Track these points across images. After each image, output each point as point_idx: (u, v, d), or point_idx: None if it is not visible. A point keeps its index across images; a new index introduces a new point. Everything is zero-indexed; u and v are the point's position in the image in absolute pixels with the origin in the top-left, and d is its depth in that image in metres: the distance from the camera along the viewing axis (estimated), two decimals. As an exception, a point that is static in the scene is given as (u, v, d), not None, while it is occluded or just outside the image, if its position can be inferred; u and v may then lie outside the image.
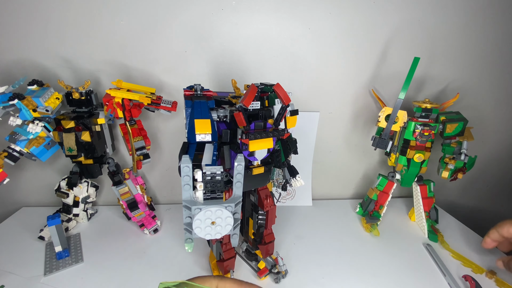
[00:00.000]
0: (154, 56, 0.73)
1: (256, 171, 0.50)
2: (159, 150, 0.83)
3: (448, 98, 0.78)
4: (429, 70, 0.83)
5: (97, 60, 0.72)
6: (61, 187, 0.72)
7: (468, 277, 0.61)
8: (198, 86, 0.51)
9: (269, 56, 0.76)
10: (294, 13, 0.73)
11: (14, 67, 0.71)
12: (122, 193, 0.70)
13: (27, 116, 0.61)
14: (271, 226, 0.59)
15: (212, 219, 0.37)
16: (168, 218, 0.81)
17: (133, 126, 0.68)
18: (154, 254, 0.67)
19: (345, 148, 0.91)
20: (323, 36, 0.76)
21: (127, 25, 0.69)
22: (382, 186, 0.80)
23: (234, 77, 0.76)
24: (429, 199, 0.78)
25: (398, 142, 0.76)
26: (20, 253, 0.65)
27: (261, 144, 0.47)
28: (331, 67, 0.79)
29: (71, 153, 0.64)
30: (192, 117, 0.46)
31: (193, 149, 0.44)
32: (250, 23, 0.73)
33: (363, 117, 0.87)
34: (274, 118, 0.49)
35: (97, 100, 0.69)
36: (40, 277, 0.58)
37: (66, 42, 0.70)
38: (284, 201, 0.90)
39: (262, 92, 0.49)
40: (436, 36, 0.79)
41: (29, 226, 0.74)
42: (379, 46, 0.79)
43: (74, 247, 0.67)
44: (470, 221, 0.86)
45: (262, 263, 0.62)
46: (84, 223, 0.77)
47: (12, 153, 0.61)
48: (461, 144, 0.70)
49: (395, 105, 0.69)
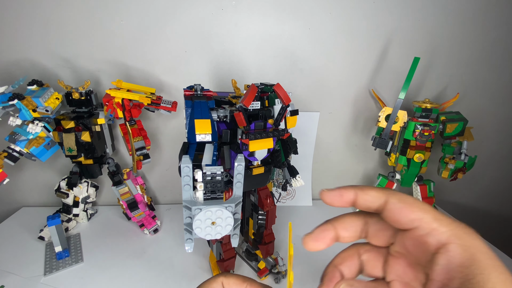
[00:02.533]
0: (154, 56, 0.73)
1: (256, 171, 0.50)
2: (159, 150, 0.83)
3: (448, 98, 0.78)
4: (429, 70, 0.83)
5: (97, 60, 0.72)
6: (61, 187, 0.72)
7: (468, 277, 0.61)
8: (198, 86, 0.51)
9: (269, 56, 0.76)
10: (294, 13, 0.73)
11: (14, 67, 0.71)
12: (122, 193, 0.70)
13: (27, 116, 0.61)
14: (271, 226, 0.59)
15: (212, 219, 0.37)
16: (168, 218, 0.81)
17: (133, 126, 0.68)
18: (154, 254, 0.67)
19: (345, 148, 0.91)
20: (323, 36, 0.76)
21: (127, 25, 0.69)
22: (382, 186, 0.80)
23: (234, 77, 0.76)
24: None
25: (398, 142, 0.76)
26: (20, 253, 0.65)
27: (261, 144, 0.47)
28: (331, 67, 0.79)
29: (71, 153, 0.64)
30: (192, 117, 0.46)
31: (193, 149, 0.44)
32: (250, 23, 0.73)
33: (363, 117, 0.87)
34: (274, 118, 0.49)
35: (97, 100, 0.69)
36: (40, 277, 0.58)
37: (66, 42, 0.70)
38: (284, 201, 0.90)
39: (262, 92, 0.49)
40: (436, 36, 0.79)
41: (29, 226, 0.74)
42: (379, 46, 0.79)
43: (74, 247, 0.67)
44: (470, 221, 0.86)
45: (262, 263, 0.62)
46: (84, 223, 0.77)
47: (12, 153, 0.61)
48: (461, 144, 0.70)
49: (395, 105, 0.69)
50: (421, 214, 0.17)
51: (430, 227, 0.17)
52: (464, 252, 0.16)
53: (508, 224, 1.12)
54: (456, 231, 0.17)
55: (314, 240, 0.20)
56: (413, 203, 0.18)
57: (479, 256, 0.16)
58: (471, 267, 0.15)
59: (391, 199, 0.18)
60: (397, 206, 0.18)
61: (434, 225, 0.17)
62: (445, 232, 0.17)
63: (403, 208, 0.18)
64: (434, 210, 0.18)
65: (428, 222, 0.17)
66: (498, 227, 1.12)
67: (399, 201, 0.18)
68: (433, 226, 0.17)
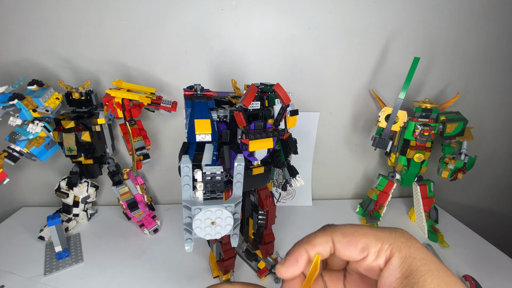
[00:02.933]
0: (154, 56, 0.73)
1: (256, 171, 0.50)
2: (159, 150, 0.83)
3: (448, 98, 0.78)
4: (429, 70, 0.83)
5: (97, 60, 0.72)
6: (61, 187, 0.72)
7: (468, 277, 0.61)
8: (198, 86, 0.51)
9: (269, 56, 0.76)
10: (294, 13, 0.73)
11: (14, 67, 0.71)
12: (122, 193, 0.70)
13: (27, 116, 0.61)
14: (271, 226, 0.59)
15: (212, 219, 0.37)
16: (168, 218, 0.81)
17: (133, 126, 0.68)
18: (154, 254, 0.67)
19: (345, 148, 0.91)
20: (323, 36, 0.76)
21: (127, 25, 0.69)
22: (382, 186, 0.80)
23: (234, 77, 0.76)
24: (429, 199, 0.78)
25: (398, 142, 0.76)
26: (20, 253, 0.65)
27: (261, 144, 0.47)
28: (331, 67, 0.79)
29: (71, 153, 0.64)
30: (192, 117, 0.46)
31: (193, 149, 0.44)
32: (250, 23, 0.73)
33: (363, 117, 0.87)
34: (274, 118, 0.49)
35: (97, 100, 0.69)
36: (40, 277, 0.59)
37: (66, 42, 0.70)
38: (284, 201, 0.90)
39: (262, 92, 0.49)
40: (436, 36, 0.79)
41: (29, 226, 0.74)
42: (379, 46, 0.79)
43: (74, 247, 0.67)
44: (470, 221, 0.86)
45: (262, 263, 0.62)
46: (84, 223, 0.77)
47: (12, 153, 0.61)
48: (461, 144, 0.70)
49: (395, 105, 0.69)
50: (366, 241, 0.18)
51: (377, 249, 0.18)
52: (403, 263, 0.17)
53: (508, 224, 1.12)
54: (396, 244, 0.18)
55: (289, 266, 0.19)
56: (354, 233, 0.19)
57: (415, 264, 0.17)
58: (409, 277, 0.16)
59: (335, 237, 0.19)
60: (343, 242, 0.19)
61: (379, 245, 0.18)
62: (388, 248, 0.18)
63: (349, 243, 0.18)
64: (373, 229, 0.19)
65: (374, 245, 0.18)
66: (498, 227, 1.12)
67: (342, 236, 0.19)
68: (378, 247, 0.18)
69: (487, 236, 0.77)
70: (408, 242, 0.18)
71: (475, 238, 0.77)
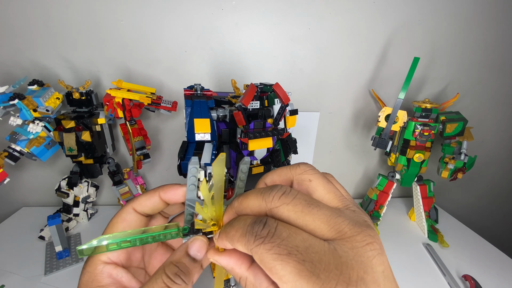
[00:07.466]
0: (154, 56, 0.73)
1: (255, 171, 0.50)
2: (159, 150, 0.83)
3: (448, 98, 0.78)
4: (429, 70, 0.83)
5: (97, 60, 0.72)
6: (62, 187, 0.72)
7: (468, 276, 0.61)
8: (198, 86, 0.52)
9: (269, 56, 0.76)
10: (294, 13, 0.73)
11: (14, 67, 0.71)
12: (122, 193, 0.70)
13: (28, 116, 0.61)
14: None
15: (212, 219, 0.37)
16: (168, 218, 0.81)
17: (133, 126, 0.68)
18: (154, 253, 0.67)
19: (345, 148, 0.91)
20: (323, 36, 0.76)
21: (127, 25, 0.70)
22: (382, 186, 0.80)
23: (234, 77, 0.76)
24: (429, 199, 0.78)
25: (398, 142, 0.76)
26: (21, 253, 0.65)
27: (260, 144, 0.47)
28: (331, 67, 0.80)
29: (72, 153, 0.64)
30: (191, 117, 0.46)
31: (192, 148, 0.44)
32: (250, 23, 0.73)
33: (363, 117, 0.87)
34: (274, 117, 0.49)
35: (97, 100, 0.70)
36: (40, 277, 0.59)
37: (66, 42, 0.70)
38: (284, 201, 0.90)
39: (262, 92, 0.49)
40: (436, 36, 0.79)
41: (29, 226, 0.74)
42: (379, 46, 0.79)
43: (75, 247, 0.68)
44: (470, 221, 0.86)
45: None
46: (84, 223, 0.77)
47: (12, 153, 0.62)
48: (461, 144, 0.70)
49: (395, 105, 0.69)
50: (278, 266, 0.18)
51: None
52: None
53: (508, 224, 1.12)
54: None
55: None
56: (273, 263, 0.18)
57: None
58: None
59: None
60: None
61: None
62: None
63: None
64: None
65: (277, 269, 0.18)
66: (498, 227, 1.12)
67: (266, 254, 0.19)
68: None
69: (487, 236, 0.77)
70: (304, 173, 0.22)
71: (475, 238, 0.77)
